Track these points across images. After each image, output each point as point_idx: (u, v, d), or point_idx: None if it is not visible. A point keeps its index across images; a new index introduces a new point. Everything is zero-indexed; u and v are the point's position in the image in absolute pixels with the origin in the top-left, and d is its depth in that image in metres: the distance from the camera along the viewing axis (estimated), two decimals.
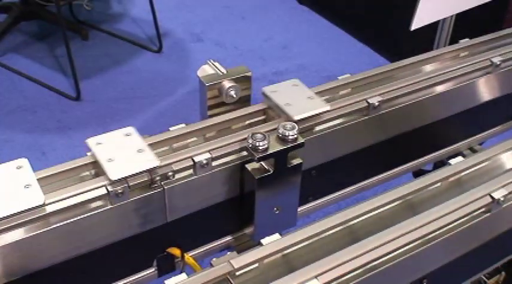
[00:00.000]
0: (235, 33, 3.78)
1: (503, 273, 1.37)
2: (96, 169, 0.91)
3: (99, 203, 0.86)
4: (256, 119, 1.06)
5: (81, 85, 3.12)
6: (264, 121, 1.06)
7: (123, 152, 0.89)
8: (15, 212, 0.79)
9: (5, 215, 0.78)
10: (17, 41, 3.56)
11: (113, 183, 0.85)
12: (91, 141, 0.91)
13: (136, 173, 0.86)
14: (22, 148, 2.75)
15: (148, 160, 0.88)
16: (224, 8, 4.05)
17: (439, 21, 1.77)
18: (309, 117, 1.02)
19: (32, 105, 3.05)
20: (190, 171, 0.93)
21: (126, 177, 0.85)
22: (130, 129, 0.93)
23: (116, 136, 0.92)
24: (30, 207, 0.80)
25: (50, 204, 0.82)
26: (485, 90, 1.27)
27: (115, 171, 0.85)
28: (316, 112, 1.02)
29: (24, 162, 0.87)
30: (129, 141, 0.91)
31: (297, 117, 0.99)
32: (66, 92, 3.13)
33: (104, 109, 3.05)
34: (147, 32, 3.68)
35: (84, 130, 2.86)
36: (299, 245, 0.87)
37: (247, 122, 1.06)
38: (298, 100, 1.04)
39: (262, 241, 0.84)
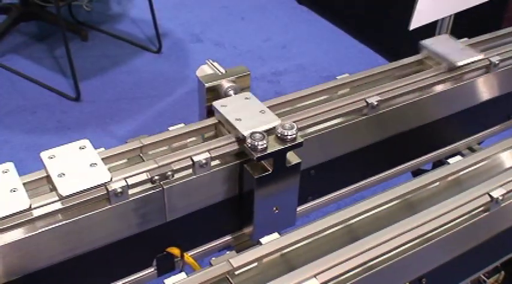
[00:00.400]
0: (234, 34, 3.78)
1: (502, 272, 1.37)
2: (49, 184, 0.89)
3: (98, 203, 0.86)
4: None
5: (80, 85, 3.12)
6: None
7: (76, 166, 0.86)
8: (1, 216, 0.79)
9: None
10: (16, 41, 3.56)
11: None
12: (44, 155, 0.88)
13: (87, 189, 0.84)
14: (21, 148, 2.75)
15: (101, 175, 0.85)
16: (223, 8, 4.05)
17: (437, 20, 1.77)
18: None
19: (32, 106, 3.05)
20: (190, 171, 0.93)
21: (77, 193, 0.83)
22: (85, 142, 0.91)
23: (70, 148, 0.91)
24: (16, 211, 0.79)
25: (37, 207, 0.82)
26: (484, 90, 1.28)
27: (65, 187, 0.83)
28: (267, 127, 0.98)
29: (10, 165, 0.86)
30: (83, 155, 0.89)
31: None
32: (66, 93, 3.12)
33: (104, 109, 3.05)
34: (146, 32, 3.68)
35: (83, 131, 2.86)
36: (298, 245, 0.87)
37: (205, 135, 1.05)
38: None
39: (261, 240, 0.84)
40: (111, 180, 0.84)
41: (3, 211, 0.79)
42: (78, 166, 0.86)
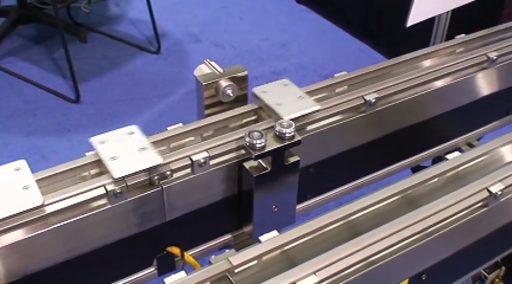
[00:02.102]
0: (233, 33, 3.78)
1: (503, 268, 1.37)
2: (98, 168, 0.91)
3: (98, 203, 0.86)
4: (253, 118, 1.07)
5: (80, 87, 3.13)
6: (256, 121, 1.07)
7: (126, 150, 0.89)
8: (14, 213, 0.79)
9: (3, 217, 0.79)
10: (15, 44, 3.56)
11: (114, 181, 0.85)
12: (94, 140, 0.91)
13: (139, 171, 0.86)
14: (22, 151, 2.75)
15: (151, 158, 0.88)
16: (222, 8, 4.05)
17: (434, 17, 1.77)
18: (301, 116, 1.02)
19: (32, 108, 3.05)
20: (188, 170, 0.93)
21: (128, 175, 0.86)
22: (133, 128, 0.94)
23: (119, 134, 0.93)
24: (29, 208, 0.80)
25: (49, 204, 0.83)
26: (482, 85, 1.28)
27: (118, 169, 0.85)
28: (307, 112, 1.02)
29: (22, 163, 0.87)
30: (132, 140, 0.91)
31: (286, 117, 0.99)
32: (66, 95, 3.13)
33: (104, 111, 3.06)
34: (145, 33, 3.69)
35: (84, 133, 2.86)
36: (298, 242, 0.87)
37: (244, 121, 1.06)
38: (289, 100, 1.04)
39: (261, 238, 0.85)
40: (160, 164, 0.88)
41: (14, 209, 0.80)
42: (128, 150, 0.89)
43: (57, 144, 2.75)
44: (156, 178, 0.89)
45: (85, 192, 0.85)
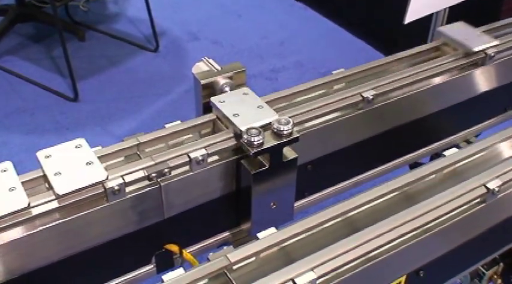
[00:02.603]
0: (231, 31, 3.78)
1: (501, 264, 1.37)
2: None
3: (96, 201, 0.86)
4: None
5: (78, 86, 3.13)
6: None
7: (72, 165, 0.87)
8: (1, 215, 0.79)
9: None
10: (13, 43, 3.56)
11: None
12: (40, 154, 0.89)
13: (83, 187, 0.84)
14: (20, 150, 2.75)
15: (97, 173, 0.85)
16: (220, 6, 4.06)
17: (432, 14, 1.78)
18: None
19: (30, 107, 3.05)
20: (187, 168, 0.93)
21: (73, 191, 0.83)
22: (80, 141, 0.92)
23: (66, 148, 0.91)
24: (14, 210, 0.80)
25: (36, 205, 0.82)
26: (480, 82, 1.28)
27: (61, 186, 0.83)
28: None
29: (8, 165, 0.87)
30: (79, 153, 0.90)
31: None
32: (64, 93, 3.13)
33: (102, 109, 3.06)
34: (143, 31, 3.69)
35: (82, 131, 2.87)
36: (296, 239, 0.87)
37: None
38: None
39: (259, 235, 0.85)
40: (107, 178, 0.85)
41: (1, 210, 0.79)
42: (74, 165, 0.87)
43: (56, 142, 2.71)
44: (154, 175, 0.89)
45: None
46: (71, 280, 0.91)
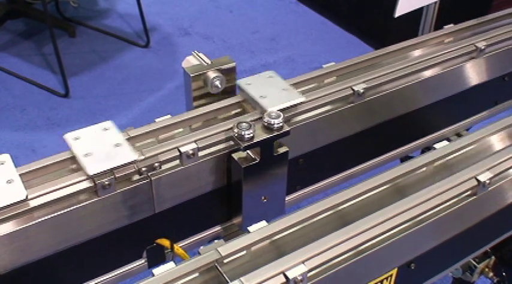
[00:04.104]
0: (222, 27, 3.78)
1: (492, 257, 1.37)
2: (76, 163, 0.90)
3: (86, 195, 0.86)
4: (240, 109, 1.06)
5: (69, 82, 3.12)
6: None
7: (101, 146, 0.88)
8: None
9: None
10: (3, 39, 3.55)
11: (90, 177, 0.85)
12: (69, 136, 0.90)
13: (114, 167, 0.85)
14: (12, 146, 2.75)
15: (126, 154, 0.87)
16: (211, 1, 4.05)
17: (423, 7, 1.78)
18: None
19: (21, 103, 3.04)
20: (177, 162, 0.93)
21: (103, 172, 0.85)
22: (108, 123, 0.93)
23: (94, 130, 0.92)
24: (12, 202, 0.80)
25: (34, 198, 0.82)
26: (471, 75, 1.28)
27: (92, 166, 0.85)
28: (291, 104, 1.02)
29: (6, 157, 0.86)
30: (107, 136, 0.91)
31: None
32: (55, 89, 3.12)
33: (93, 105, 3.05)
34: (134, 27, 3.68)
35: (73, 127, 2.81)
36: (287, 232, 0.87)
37: (233, 112, 1.06)
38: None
39: (250, 228, 0.84)
40: (137, 159, 0.87)
41: None
42: (103, 146, 0.88)
43: (47, 138, 2.74)
44: (144, 170, 0.89)
45: (73, 184, 0.84)
46: (61, 275, 0.91)
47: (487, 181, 0.94)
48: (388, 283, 0.92)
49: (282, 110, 0.98)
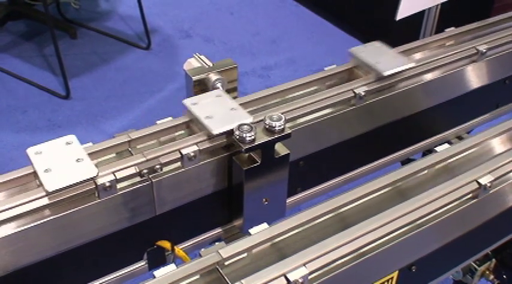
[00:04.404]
0: (223, 29, 3.78)
1: (493, 260, 1.37)
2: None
3: (87, 197, 0.86)
4: None
5: (70, 83, 3.12)
6: None
7: (62, 162, 0.87)
8: None
9: None
10: (5, 41, 3.55)
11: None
12: (30, 151, 0.89)
13: (73, 184, 0.84)
14: (12, 148, 2.75)
15: (87, 169, 0.85)
16: (212, 3, 4.05)
17: (424, 10, 1.78)
18: None
19: (22, 105, 3.04)
20: (178, 164, 0.93)
21: (63, 188, 0.83)
22: (71, 137, 0.91)
23: (57, 145, 0.91)
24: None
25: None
26: (472, 79, 1.28)
27: (51, 182, 0.83)
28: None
29: None
30: (69, 150, 0.89)
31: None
32: (56, 91, 3.12)
33: (94, 107, 3.05)
34: (135, 29, 3.68)
35: (74, 129, 2.86)
36: (288, 234, 0.87)
37: None
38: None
39: (251, 230, 0.84)
40: (97, 175, 0.84)
41: None
42: (64, 161, 0.86)
43: (48, 140, 2.73)
44: (145, 172, 0.89)
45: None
46: (62, 277, 0.91)
47: (488, 184, 0.94)
48: None
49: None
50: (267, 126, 0.94)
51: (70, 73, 3.16)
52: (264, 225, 0.86)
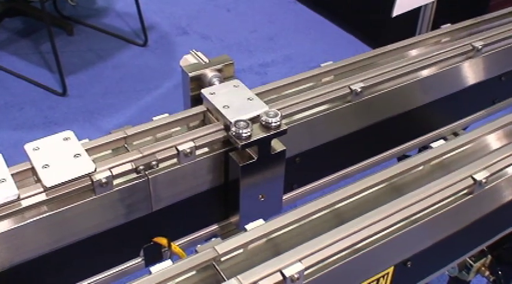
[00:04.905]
0: (220, 26, 3.78)
1: (489, 256, 1.38)
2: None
3: (83, 194, 0.86)
4: None
5: (67, 80, 3.12)
6: None
7: (60, 157, 0.86)
8: None
9: None
10: (1, 38, 3.54)
11: (47, 189, 0.84)
12: (28, 147, 0.88)
13: (71, 179, 0.83)
14: (9, 144, 2.75)
15: (85, 165, 0.85)
16: (209, 0, 4.05)
17: (420, 7, 1.78)
18: None
19: (19, 102, 3.04)
20: (175, 160, 0.93)
21: (61, 183, 0.83)
22: (68, 133, 0.91)
23: (54, 141, 0.90)
24: (4, 202, 0.79)
25: (23, 198, 0.82)
26: (468, 75, 1.28)
27: (50, 178, 0.83)
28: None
29: None
30: (67, 146, 0.89)
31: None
32: (53, 88, 3.12)
33: (91, 104, 3.05)
34: (132, 26, 3.68)
35: (71, 126, 2.85)
36: (284, 230, 0.87)
37: None
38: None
39: (247, 226, 0.85)
40: (95, 170, 0.84)
41: None
42: (62, 157, 0.86)
43: (44, 137, 2.73)
44: (141, 168, 0.89)
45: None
46: (58, 273, 0.91)
47: (484, 180, 0.94)
48: (384, 281, 0.92)
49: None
50: (263, 123, 0.94)
51: (67, 70, 3.16)
52: (260, 221, 0.86)
